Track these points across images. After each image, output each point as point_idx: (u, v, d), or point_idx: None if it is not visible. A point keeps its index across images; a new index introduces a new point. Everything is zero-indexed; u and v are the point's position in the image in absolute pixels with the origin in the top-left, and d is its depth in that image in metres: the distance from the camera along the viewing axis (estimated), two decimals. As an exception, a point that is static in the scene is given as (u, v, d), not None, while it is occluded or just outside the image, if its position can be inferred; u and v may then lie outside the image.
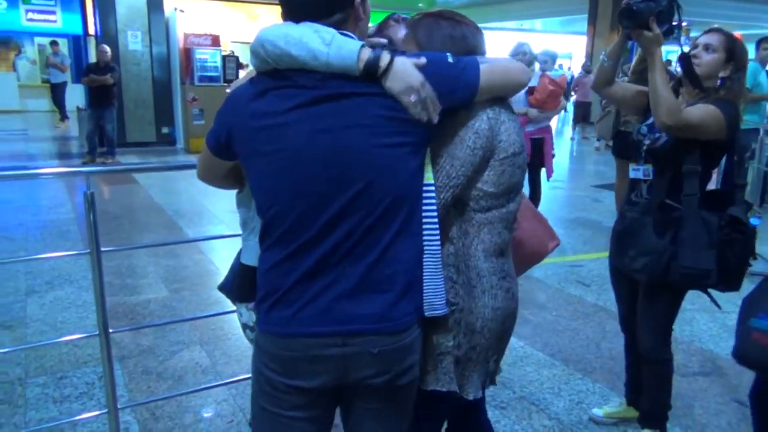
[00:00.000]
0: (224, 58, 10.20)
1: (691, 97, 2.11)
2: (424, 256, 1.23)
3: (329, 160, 1.12)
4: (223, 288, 1.83)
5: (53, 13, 15.00)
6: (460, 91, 1.20)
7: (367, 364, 1.19)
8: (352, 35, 1.16)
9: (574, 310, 3.77)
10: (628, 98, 2.29)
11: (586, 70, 12.94)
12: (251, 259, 1.58)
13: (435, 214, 1.24)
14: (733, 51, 2.09)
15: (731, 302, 2.34)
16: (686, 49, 2.09)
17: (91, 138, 8.75)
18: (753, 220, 2.06)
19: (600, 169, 9.64)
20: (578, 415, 2.61)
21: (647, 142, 2.17)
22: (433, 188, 1.24)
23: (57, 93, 13.05)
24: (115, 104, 8.79)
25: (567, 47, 24.36)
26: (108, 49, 8.69)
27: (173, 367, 2.93)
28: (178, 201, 6.60)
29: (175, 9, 9.98)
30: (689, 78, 2.07)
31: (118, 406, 2.26)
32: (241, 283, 1.67)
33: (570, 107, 13.72)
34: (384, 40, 1.29)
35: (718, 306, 2.22)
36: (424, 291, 1.24)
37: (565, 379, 2.90)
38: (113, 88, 8.60)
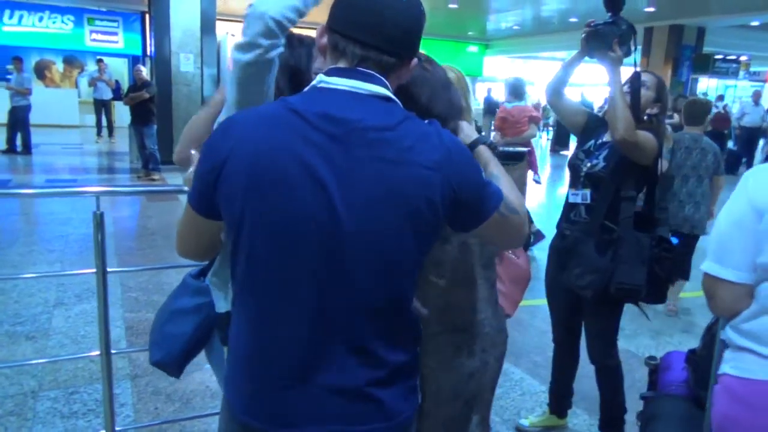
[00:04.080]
0: (271, 80, 10.45)
1: None
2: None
3: (333, 235, 0.97)
4: (161, 363, 1.58)
5: (115, 34, 15.80)
6: (473, 214, 1.07)
7: None
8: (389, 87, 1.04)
9: (603, 354, 3.57)
10: (569, 114, 2.50)
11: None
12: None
13: None
14: (662, 93, 2.34)
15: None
16: (744, 83, 2.35)
17: (142, 154, 9.05)
18: (673, 239, 2.31)
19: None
20: (595, 470, 2.45)
21: (585, 168, 2.34)
22: None
23: (105, 109, 13.53)
24: (154, 121, 9.06)
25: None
26: (143, 68, 9.12)
27: (183, 390, 2.91)
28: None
29: (227, 33, 10.30)
30: (633, 102, 2.22)
31: (119, 428, 2.25)
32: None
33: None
34: None
35: (647, 317, 2.53)
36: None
37: (585, 429, 2.74)
38: (151, 105, 8.91)
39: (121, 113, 13.54)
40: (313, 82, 1.03)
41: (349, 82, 1.00)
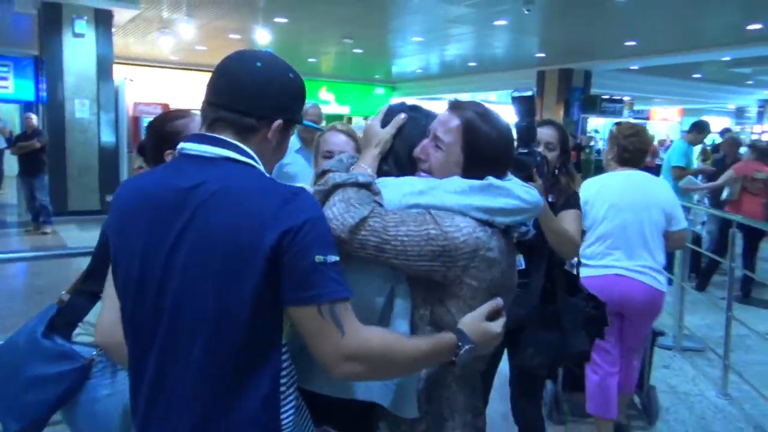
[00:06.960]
0: (174, 126, 10.19)
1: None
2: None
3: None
4: None
5: (6, 79, 14.88)
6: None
7: None
8: (251, 152, 1.07)
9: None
10: None
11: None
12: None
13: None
14: (565, 143, 2.30)
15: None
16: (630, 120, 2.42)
17: (32, 206, 8.50)
18: None
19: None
20: None
21: (515, 234, 2.24)
22: None
23: (-2, 159, 12.66)
24: (45, 171, 8.61)
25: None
26: (33, 116, 8.75)
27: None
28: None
29: (125, 78, 10.01)
30: (544, 172, 2.15)
31: None
32: None
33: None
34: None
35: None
36: None
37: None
38: (42, 155, 8.48)
39: (11, 163, 12.70)
40: (178, 148, 1.12)
41: (199, 147, 1.07)
